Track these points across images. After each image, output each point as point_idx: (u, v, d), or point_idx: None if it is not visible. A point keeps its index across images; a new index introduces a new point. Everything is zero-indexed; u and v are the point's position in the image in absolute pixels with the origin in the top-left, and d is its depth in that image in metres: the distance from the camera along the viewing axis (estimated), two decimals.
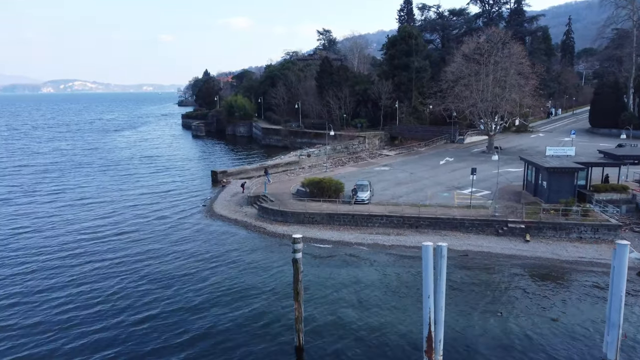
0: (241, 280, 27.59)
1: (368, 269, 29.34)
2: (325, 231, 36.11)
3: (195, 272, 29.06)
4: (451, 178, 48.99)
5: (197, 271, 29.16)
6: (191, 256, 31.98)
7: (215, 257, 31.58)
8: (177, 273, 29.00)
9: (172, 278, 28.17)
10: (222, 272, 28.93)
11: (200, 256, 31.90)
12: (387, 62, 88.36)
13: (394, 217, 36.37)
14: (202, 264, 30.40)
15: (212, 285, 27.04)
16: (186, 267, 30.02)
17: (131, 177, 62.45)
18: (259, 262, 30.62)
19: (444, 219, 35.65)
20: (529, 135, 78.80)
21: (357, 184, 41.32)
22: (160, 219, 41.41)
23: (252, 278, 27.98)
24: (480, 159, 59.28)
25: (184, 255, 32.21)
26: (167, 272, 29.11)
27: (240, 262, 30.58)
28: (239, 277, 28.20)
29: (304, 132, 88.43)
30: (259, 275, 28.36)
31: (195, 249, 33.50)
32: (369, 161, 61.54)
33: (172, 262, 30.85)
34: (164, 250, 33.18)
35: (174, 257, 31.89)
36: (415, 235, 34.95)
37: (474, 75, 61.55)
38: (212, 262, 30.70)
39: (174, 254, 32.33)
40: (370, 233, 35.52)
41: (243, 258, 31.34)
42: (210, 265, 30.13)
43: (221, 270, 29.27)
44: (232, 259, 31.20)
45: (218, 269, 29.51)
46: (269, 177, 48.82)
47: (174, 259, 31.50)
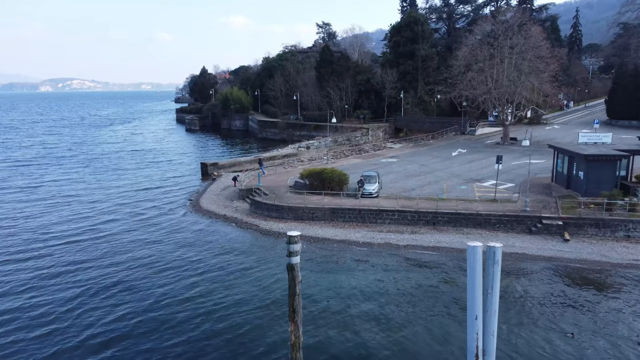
0: (228, 293, 22.25)
1: (381, 275, 24.24)
2: (327, 229, 31.01)
3: (172, 282, 23.78)
4: (467, 170, 43.91)
5: (175, 281, 23.84)
6: (168, 261, 26.76)
7: (196, 263, 26.38)
8: (150, 284, 23.78)
9: (144, 291, 22.95)
10: (205, 282, 23.58)
11: (178, 261, 26.70)
12: (391, 50, 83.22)
13: (408, 213, 31.26)
14: (180, 271, 25.10)
15: (192, 300, 21.65)
16: (161, 275, 24.79)
17: (114, 171, 57.25)
18: (250, 267, 25.44)
19: (466, 214, 30.57)
20: (543, 127, 73.59)
21: (363, 175, 36.21)
22: (136, 216, 36.22)
23: (242, 289, 22.66)
24: (496, 150, 54.13)
25: (160, 260, 26.98)
26: (137, 283, 23.89)
27: (227, 269, 25.33)
28: (225, 288, 22.85)
29: (302, 125, 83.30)
30: (251, 285, 23.05)
31: (174, 251, 28.31)
32: (374, 153, 56.40)
33: (145, 269, 25.65)
34: (135, 254, 27.96)
35: (147, 262, 26.68)
36: (433, 233, 29.86)
37: (488, 60, 56.37)
38: (193, 269, 25.45)
39: (148, 259, 27.10)
40: (380, 231, 30.42)
41: (231, 263, 26.12)
42: (191, 273, 24.90)
43: (204, 280, 23.91)
44: (218, 264, 25.99)
45: (200, 278, 24.20)
46: (263, 168, 43.69)
47: (147, 264, 26.28)
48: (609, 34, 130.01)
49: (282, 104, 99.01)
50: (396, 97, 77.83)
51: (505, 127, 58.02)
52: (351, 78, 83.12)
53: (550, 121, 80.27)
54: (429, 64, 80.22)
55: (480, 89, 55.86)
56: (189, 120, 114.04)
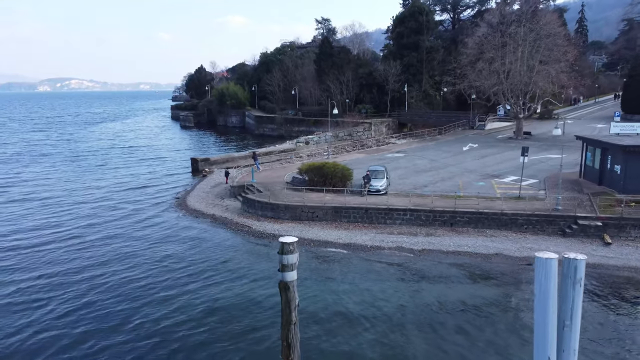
0: (210, 320, 17.74)
1: (395, 286, 20.30)
2: (329, 230, 27.06)
3: (142, 301, 19.43)
4: (482, 165, 39.99)
5: (146, 301, 19.35)
6: (142, 272, 22.72)
7: (175, 273, 22.32)
8: (116, 302, 19.79)
9: (109, 314, 18.88)
10: (184, 303, 19.19)
11: (154, 272, 22.66)
12: (394, 41, 79.29)
13: (422, 212, 27.31)
14: (153, 287, 20.92)
15: (163, 326, 17.55)
16: (131, 291, 20.68)
17: (101, 168, 53.22)
18: (239, 281, 21.37)
19: (489, 214, 26.63)
20: (556, 122, 69.65)
21: (369, 169, 32.21)
22: (114, 217, 32.10)
23: (230, 313, 18.18)
24: (510, 145, 50.31)
25: (133, 271, 22.94)
26: (101, 302, 19.89)
27: (212, 283, 21.06)
28: (208, 312, 18.38)
29: (301, 120, 79.28)
30: (239, 309, 18.52)
31: (150, 260, 24.29)
32: (377, 148, 52.44)
33: (108, 288, 21.46)
34: (101, 267, 23.84)
35: (118, 273, 22.60)
36: (452, 235, 25.92)
37: (500, 49, 52.40)
38: (170, 283, 21.34)
39: (121, 271, 23.01)
40: (390, 233, 26.46)
41: (215, 275, 21.94)
42: (167, 289, 20.78)
43: (182, 300, 19.44)
44: (201, 277, 21.85)
45: (178, 295, 19.99)
46: (257, 163, 39.72)
47: (111, 281, 22.01)
48: (617, 28, 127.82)
49: (280, 100, 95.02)
50: (400, 90, 73.85)
51: (518, 120, 54.08)
52: (352, 71, 79.09)
53: (561, 116, 76.32)
54: (434, 56, 76.34)
55: (492, 79, 51.90)
56: (184, 117, 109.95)
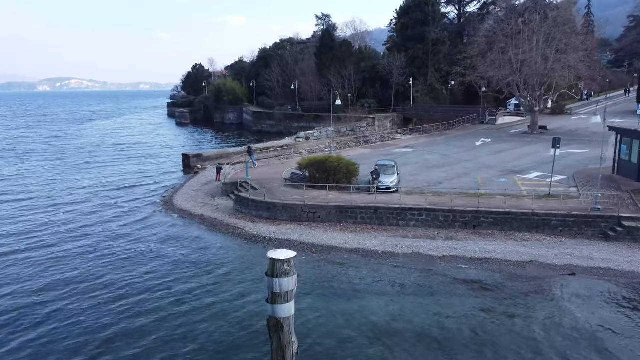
0: (186, 343, 14.58)
1: (415, 302, 16.77)
2: (333, 233, 23.53)
3: (105, 334, 15.59)
4: (500, 160, 36.47)
5: (110, 335, 15.41)
6: (117, 281, 19.22)
7: (154, 286, 18.76)
8: (87, 319, 16.29)
9: (79, 335, 15.37)
10: (159, 325, 15.73)
11: (130, 283, 19.12)
12: (399, 33, 75.72)
13: (440, 212, 23.78)
14: (125, 304, 17.37)
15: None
16: (93, 323, 17.13)
17: (86, 166, 49.51)
18: (230, 297, 17.79)
19: (517, 214, 23.10)
20: (569, 117, 66.12)
21: (378, 164, 28.59)
22: (92, 219, 28.57)
23: (208, 336, 14.85)
24: (526, 140, 46.81)
25: (108, 280, 19.45)
26: (57, 336, 16.36)
27: (196, 300, 17.51)
28: (182, 335, 15.16)
29: (301, 115, 75.80)
30: (221, 333, 15.00)
31: (126, 267, 20.77)
32: (383, 143, 48.88)
33: (74, 315, 17.67)
34: (67, 287, 20.21)
35: (78, 298, 18.87)
36: (475, 239, 22.39)
37: (515, 36, 48.82)
38: (148, 298, 17.83)
39: (83, 293, 19.36)
40: (404, 236, 22.93)
41: (201, 290, 18.34)
42: (142, 305, 17.32)
43: (152, 321, 15.91)
44: (182, 291, 18.32)
45: (151, 315, 16.49)
46: (253, 158, 36.15)
47: (75, 308, 18.10)
48: (623, 25, 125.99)
49: (279, 95, 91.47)
50: (404, 84, 70.34)
51: (533, 114, 50.52)
52: (354, 65, 75.56)
53: (573, 111, 72.80)
54: (440, 49, 72.78)
55: (506, 70, 48.33)
56: (179, 114, 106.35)
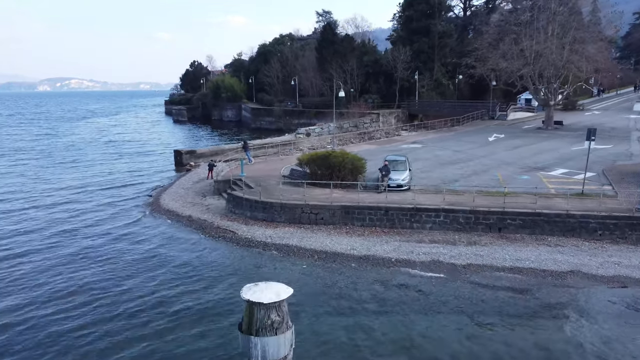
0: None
1: (439, 323, 13.78)
2: (339, 237, 20.54)
3: (73, 342, 13.18)
4: (518, 156, 33.47)
5: (77, 342, 13.19)
6: (73, 314, 16.24)
7: (121, 304, 15.86)
8: (45, 332, 13.35)
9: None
10: (126, 345, 13.04)
11: (100, 299, 16.19)
12: (403, 26, 72.74)
13: (460, 213, 20.79)
14: (89, 324, 14.56)
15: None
16: (66, 330, 14.25)
17: (74, 164, 46.60)
18: (220, 317, 14.88)
19: (550, 215, 20.10)
20: (582, 113, 63.13)
21: (387, 159, 25.58)
22: (68, 220, 25.60)
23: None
24: (541, 135, 43.82)
25: (75, 295, 16.52)
26: (32, 331, 13.43)
27: (170, 336, 14.73)
28: None
29: (301, 112, 72.84)
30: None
31: (98, 280, 17.83)
32: (390, 139, 45.92)
33: (47, 315, 15.06)
34: (40, 283, 17.46)
35: (38, 323, 16.09)
36: (502, 244, 19.40)
37: (528, 26, 45.81)
38: (112, 317, 14.95)
39: (44, 315, 16.57)
40: (419, 241, 19.95)
41: (179, 305, 15.49)
42: (113, 328, 14.41)
43: (123, 343, 13.25)
44: (155, 309, 15.45)
45: (116, 335, 13.68)
46: (249, 154, 33.17)
47: (47, 300, 15.69)
48: (629, 22, 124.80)
49: (278, 91, 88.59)
50: (409, 79, 67.38)
51: (549, 108, 47.52)
52: (357, 59, 72.55)
53: (586, 107, 69.80)
54: (446, 42, 69.86)
55: (520, 61, 45.30)
56: (176, 111, 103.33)
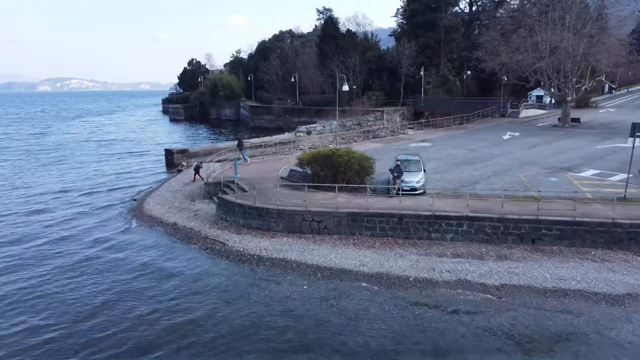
0: None
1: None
2: (345, 250, 17.64)
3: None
4: (538, 156, 30.54)
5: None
6: (31, 329, 13.37)
7: (75, 334, 12.98)
8: None
9: None
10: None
11: (55, 329, 13.33)
12: (408, 20, 69.73)
13: (486, 222, 17.86)
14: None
15: None
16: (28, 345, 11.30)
17: (60, 164, 43.63)
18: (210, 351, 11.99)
19: (592, 224, 17.18)
20: (596, 110, 60.23)
21: (399, 158, 22.55)
22: (38, 229, 22.72)
23: None
24: (559, 133, 40.86)
25: (22, 324, 13.64)
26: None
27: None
28: None
29: (301, 110, 69.94)
30: None
31: (48, 308, 14.95)
32: (396, 137, 42.99)
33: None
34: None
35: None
36: (538, 258, 16.48)
37: (544, 16, 42.91)
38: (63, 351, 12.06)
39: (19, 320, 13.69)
40: (440, 254, 17.03)
41: (149, 340, 12.66)
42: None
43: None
44: (118, 343, 12.58)
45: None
46: (244, 153, 30.25)
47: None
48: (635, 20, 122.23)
49: (278, 89, 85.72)
50: (414, 75, 64.46)
51: (565, 104, 44.58)
52: (359, 55, 69.61)
53: (599, 104, 66.86)
54: (452, 37, 66.89)
55: (536, 54, 42.37)
56: (173, 110, 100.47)
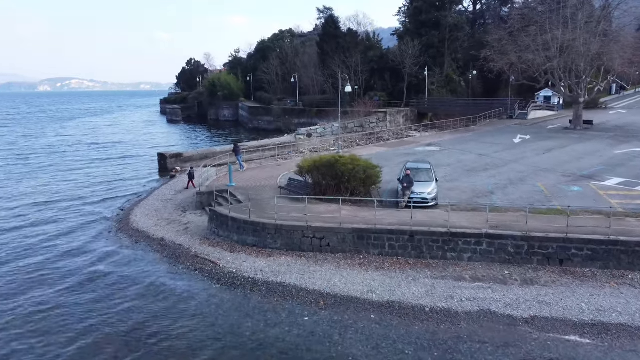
0: None
1: None
2: (351, 271, 15.67)
3: None
4: (555, 162, 28.56)
5: None
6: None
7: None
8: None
9: None
10: None
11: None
12: (411, 18, 67.80)
13: (508, 240, 15.89)
14: None
15: None
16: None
17: (48, 170, 41.46)
18: None
19: (630, 244, 15.21)
20: (606, 112, 58.23)
21: (408, 167, 20.60)
22: (10, 244, 20.83)
23: None
24: (572, 137, 38.88)
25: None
26: None
27: None
28: None
29: (302, 110, 67.99)
30: None
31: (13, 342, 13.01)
32: (401, 140, 41.01)
33: None
34: None
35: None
36: (569, 282, 14.52)
37: (555, 13, 40.94)
38: None
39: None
40: (458, 277, 15.08)
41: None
42: None
43: None
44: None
45: None
46: (240, 159, 28.29)
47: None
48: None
49: (278, 90, 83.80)
50: (418, 75, 62.53)
51: (577, 106, 42.61)
52: (361, 54, 67.66)
53: (608, 105, 64.86)
54: (457, 35, 65.01)
55: (550, 53, 40.38)
56: (170, 111, 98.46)
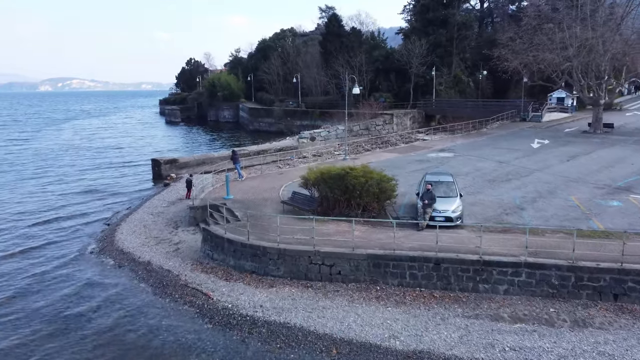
0: None
1: None
2: (368, 307, 13.26)
3: None
4: (583, 170, 26.12)
5: None
6: None
7: None
8: None
9: None
10: None
11: None
12: (418, 16, 65.41)
13: (552, 270, 13.50)
14: None
15: None
16: None
17: (40, 177, 38.77)
18: None
19: None
20: (622, 114, 55.87)
21: (428, 180, 18.18)
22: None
23: None
24: (593, 141, 36.45)
25: None
26: None
27: None
28: None
29: (304, 112, 65.54)
30: None
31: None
32: (411, 145, 38.57)
33: None
34: None
35: None
36: (629, 323, 12.13)
37: (574, 10, 38.54)
38: None
39: None
40: (494, 317, 12.68)
41: None
42: None
43: None
44: None
45: None
46: (239, 167, 25.89)
47: None
48: None
49: (279, 90, 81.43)
50: (425, 76, 60.11)
51: (597, 108, 40.19)
52: (365, 54, 65.25)
53: (623, 107, 62.41)
54: (465, 34, 62.70)
55: (568, 52, 37.97)
56: (169, 112, 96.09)
